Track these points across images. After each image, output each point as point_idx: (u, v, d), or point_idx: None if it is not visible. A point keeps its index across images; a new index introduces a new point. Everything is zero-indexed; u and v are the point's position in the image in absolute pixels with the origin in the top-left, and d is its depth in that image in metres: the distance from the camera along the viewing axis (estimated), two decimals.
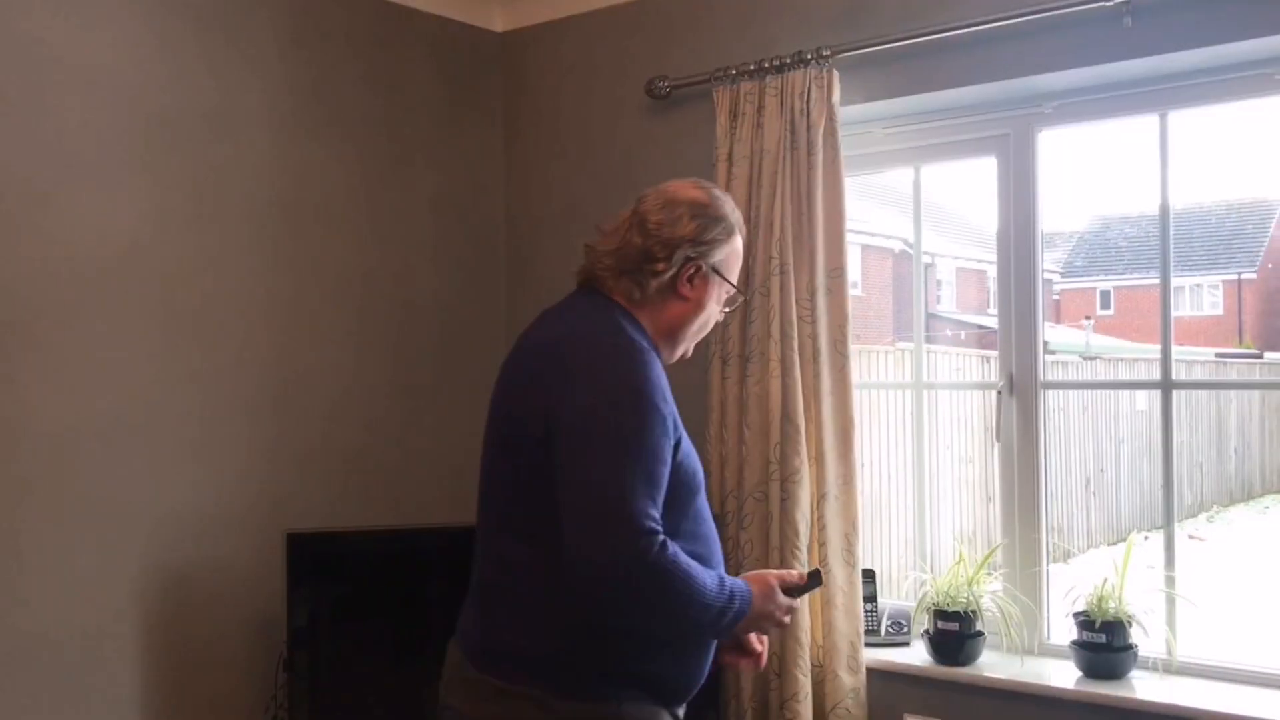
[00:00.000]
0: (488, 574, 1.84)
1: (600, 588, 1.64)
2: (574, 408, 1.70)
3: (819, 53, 2.92)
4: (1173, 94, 2.75)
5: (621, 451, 1.66)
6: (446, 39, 3.59)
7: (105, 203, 2.77)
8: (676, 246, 1.86)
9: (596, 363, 1.75)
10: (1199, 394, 10.92)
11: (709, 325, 1.97)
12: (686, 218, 1.88)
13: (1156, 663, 2.73)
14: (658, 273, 1.86)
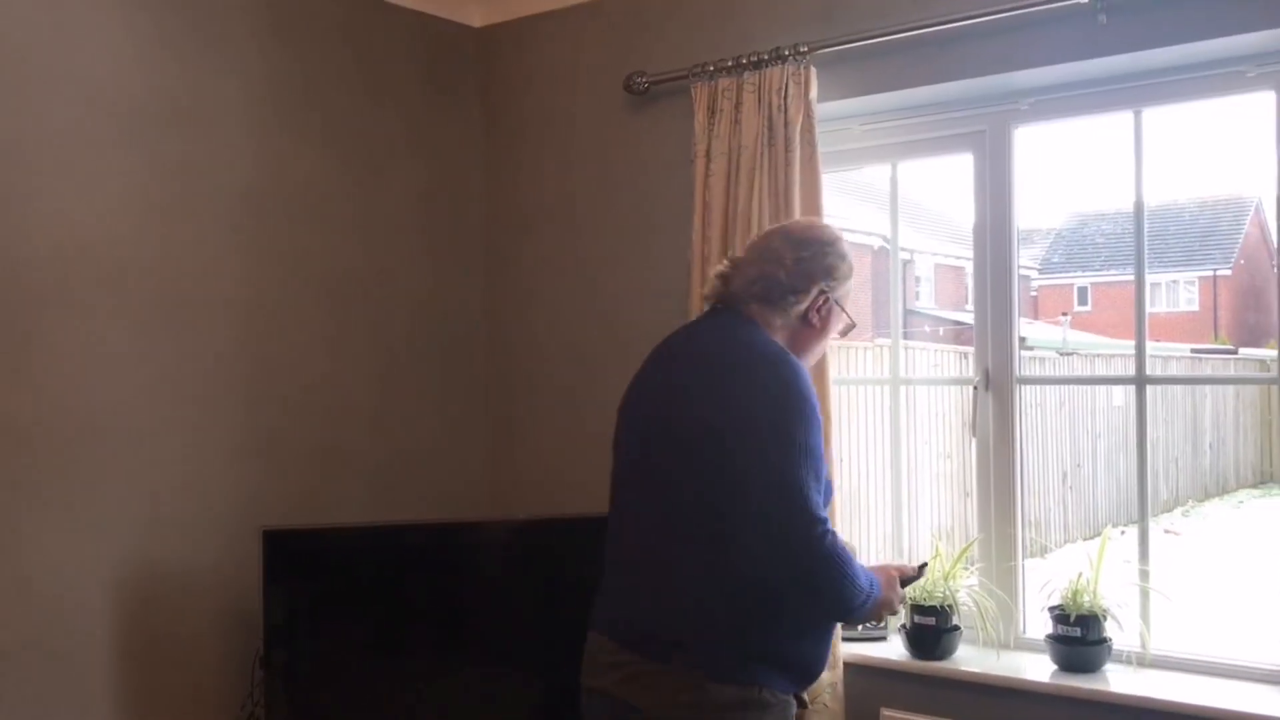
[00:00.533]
0: (648, 566, 2.01)
1: (785, 572, 1.88)
2: (751, 414, 1.93)
3: (796, 49, 2.93)
4: (1147, 91, 2.77)
5: (799, 453, 1.90)
6: (425, 33, 3.57)
7: (80, 198, 2.74)
8: (814, 281, 2.12)
9: (766, 371, 1.98)
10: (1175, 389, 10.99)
11: (824, 350, 2.26)
12: (822, 255, 2.14)
13: (1131, 656, 2.75)
14: (795, 304, 2.12)
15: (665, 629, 1.95)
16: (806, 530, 1.87)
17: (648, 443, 2.06)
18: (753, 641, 1.95)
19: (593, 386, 3.45)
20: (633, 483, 2.09)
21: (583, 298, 3.51)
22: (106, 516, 2.78)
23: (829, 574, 1.89)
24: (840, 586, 1.90)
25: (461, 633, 3.06)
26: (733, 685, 1.93)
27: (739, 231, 2.99)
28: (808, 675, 2.04)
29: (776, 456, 1.89)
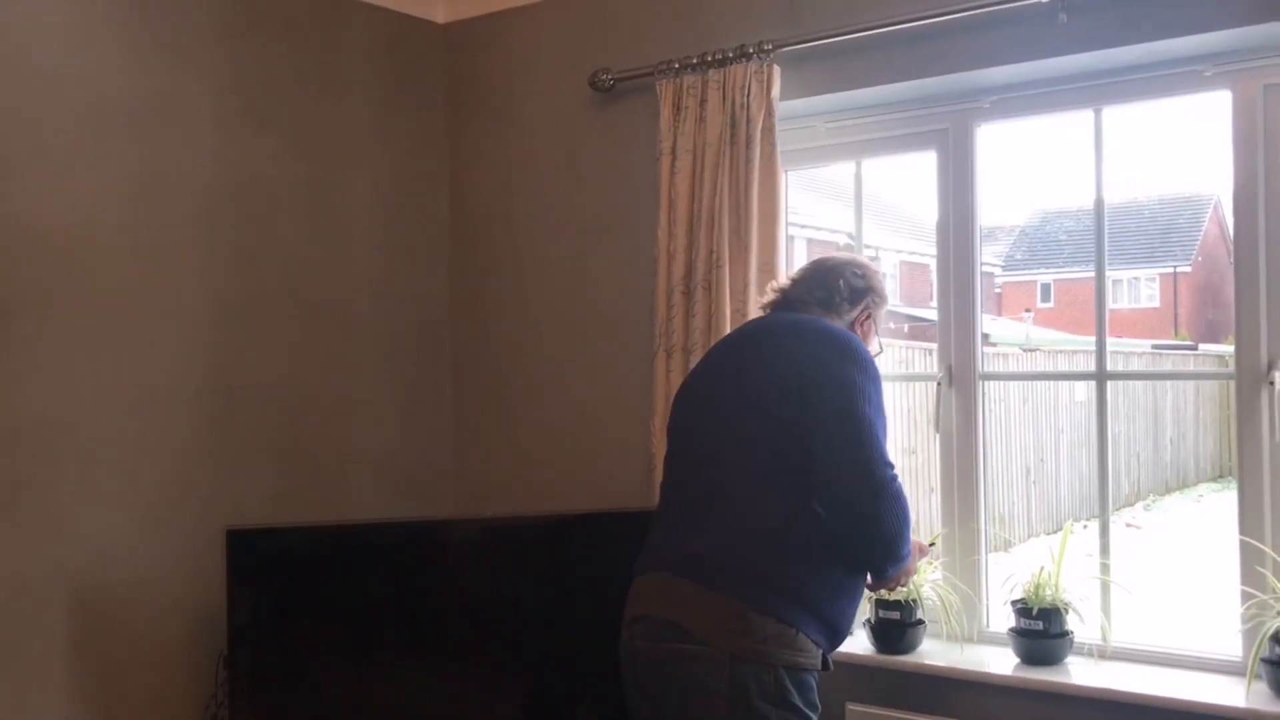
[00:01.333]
0: (713, 511, 2.21)
1: (857, 505, 2.13)
2: (831, 375, 2.19)
3: (760, 46, 2.93)
4: (1107, 90, 2.80)
5: (872, 408, 2.19)
6: (388, 30, 3.55)
7: (39, 197, 2.71)
8: (864, 296, 2.47)
9: (851, 342, 2.28)
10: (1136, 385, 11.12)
11: None
12: (872, 278, 2.51)
13: (1092, 648, 2.79)
14: (848, 311, 2.46)
15: (717, 558, 2.15)
16: (882, 470, 2.13)
17: (727, 405, 2.26)
18: (798, 587, 2.14)
19: (559, 383, 3.44)
20: (707, 439, 2.28)
21: (548, 294, 3.50)
22: (67, 517, 2.75)
23: (895, 512, 2.14)
24: (900, 528, 2.16)
25: (427, 632, 3.05)
26: (774, 619, 2.11)
27: (704, 228, 3.00)
28: (838, 634, 2.24)
29: (859, 405, 2.15)
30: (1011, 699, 2.74)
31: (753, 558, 2.15)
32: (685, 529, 2.25)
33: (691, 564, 2.18)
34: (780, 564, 2.15)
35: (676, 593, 2.17)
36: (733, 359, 2.36)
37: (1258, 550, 2.58)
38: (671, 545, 2.26)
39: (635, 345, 3.24)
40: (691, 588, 2.16)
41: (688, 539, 2.22)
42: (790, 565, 2.16)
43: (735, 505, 2.19)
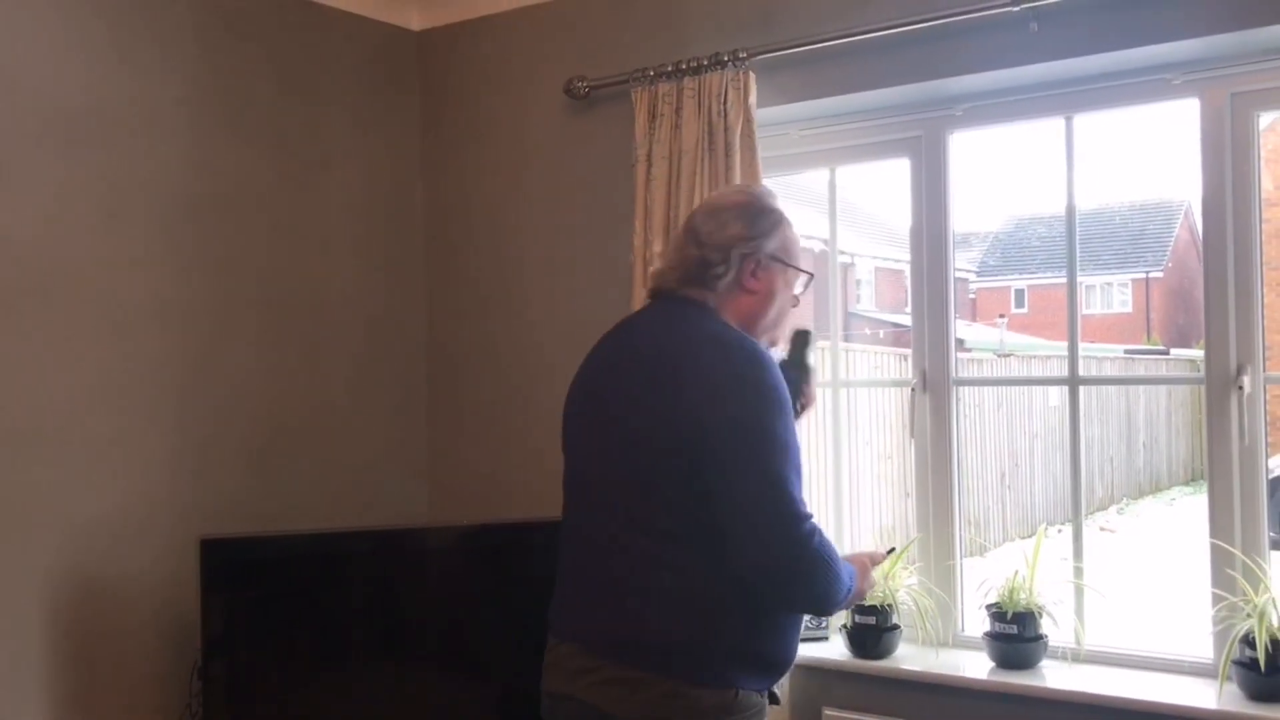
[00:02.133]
0: (616, 571, 1.92)
1: (771, 574, 1.84)
2: (728, 415, 1.84)
3: (735, 54, 2.95)
4: (1078, 97, 2.83)
5: (777, 448, 1.84)
6: (363, 37, 3.55)
7: (11, 202, 2.69)
8: (731, 248, 2.01)
9: (737, 368, 1.88)
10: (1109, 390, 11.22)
11: (786, 313, 2.11)
12: (732, 219, 2.04)
13: (1066, 652, 2.80)
14: (720, 275, 2.01)
15: (639, 634, 1.88)
16: (795, 529, 1.82)
17: (611, 449, 1.96)
18: (730, 643, 1.89)
19: (534, 390, 3.44)
20: (595, 486, 1.99)
21: (524, 301, 3.50)
22: (38, 526, 2.72)
23: (819, 573, 1.85)
24: (828, 584, 1.87)
25: (403, 641, 3.04)
26: (709, 689, 1.87)
27: None
28: (780, 670, 2.01)
29: (754, 460, 1.83)
30: (986, 703, 2.75)
31: (679, 625, 1.87)
32: (593, 589, 1.96)
33: (605, 639, 1.91)
34: (703, 627, 1.87)
35: (601, 673, 1.89)
36: (615, 392, 1.98)
37: (1228, 553, 2.61)
38: (581, 610, 1.98)
39: None
40: (613, 670, 1.88)
41: (597, 607, 1.94)
42: (715, 625, 1.88)
43: (641, 567, 1.89)
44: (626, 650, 1.88)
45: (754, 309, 2.04)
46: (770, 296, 2.05)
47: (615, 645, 1.89)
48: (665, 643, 1.86)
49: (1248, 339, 2.63)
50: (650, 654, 1.86)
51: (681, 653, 1.86)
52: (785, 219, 2.08)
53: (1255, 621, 2.46)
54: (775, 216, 2.06)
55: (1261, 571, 2.55)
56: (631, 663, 1.87)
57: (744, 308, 2.03)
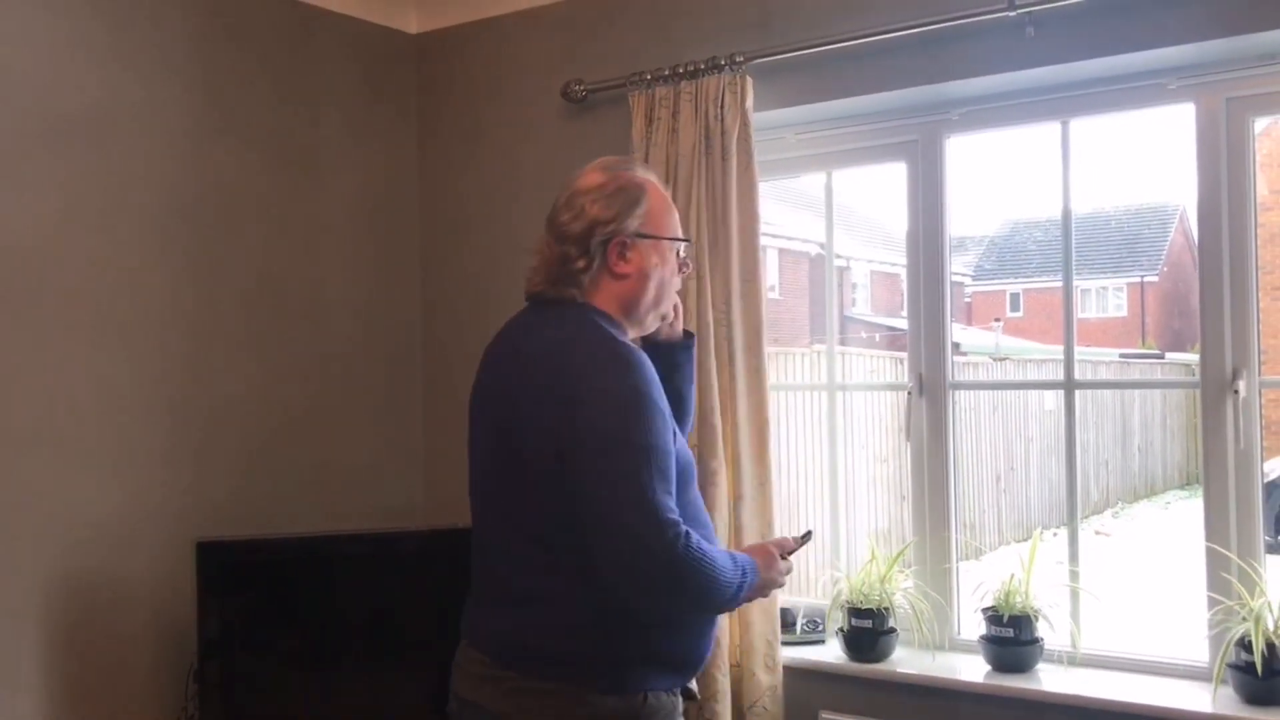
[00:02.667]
0: (512, 577, 1.88)
1: (638, 585, 1.75)
2: (586, 420, 1.77)
3: (733, 58, 2.95)
4: (1073, 102, 2.83)
5: (638, 455, 1.75)
6: (360, 40, 3.55)
7: (8, 204, 2.69)
8: (589, 237, 1.91)
9: (597, 374, 1.80)
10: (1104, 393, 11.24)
11: (669, 287, 2.00)
12: (588, 204, 1.92)
13: (1062, 655, 2.81)
14: (582, 269, 1.91)
15: (539, 644, 1.84)
16: (658, 538, 1.72)
17: (494, 457, 1.91)
18: (628, 648, 1.84)
19: None
20: (486, 496, 1.95)
21: (520, 304, 3.49)
22: (34, 528, 2.72)
23: (692, 579, 1.75)
24: (704, 586, 1.77)
25: (399, 644, 3.04)
26: (614, 696, 1.82)
27: None
28: (691, 668, 1.94)
29: (613, 466, 1.75)
30: (982, 706, 2.76)
31: (575, 635, 1.83)
32: (494, 596, 1.92)
33: (508, 648, 1.86)
34: (602, 634, 1.82)
35: (507, 684, 1.84)
36: (496, 399, 1.94)
37: (1223, 557, 2.62)
38: (485, 616, 1.93)
39: None
40: (520, 680, 1.83)
41: (498, 614, 1.90)
42: (614, 631, 1.82)
43: (534, 575, 1.85)
44: (529, 660, 1.84)
45: (630, 292, 1.94)
46: (644, 276, 1.94)
47: (517, 655, 1.85)
48: (565, 652, 1.82)
49: (1243, 343, 2.64)
50: (552, 663, 1.82)
51: (583, 661, 1.82)
52: (648, 189, 1.96)
53: (1251, 625, 2.47)
54: (633, 191, 1.94)
55: (1257, 575, 2.55)
56: (535, 673, 1.83)
57: (620, 293, 1.94)
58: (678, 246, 2.00)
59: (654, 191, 1.97)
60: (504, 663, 1.85)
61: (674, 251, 1.99)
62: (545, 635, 1.83)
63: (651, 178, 2.00)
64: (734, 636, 2.95)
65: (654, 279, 1.95)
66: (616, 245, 1.91)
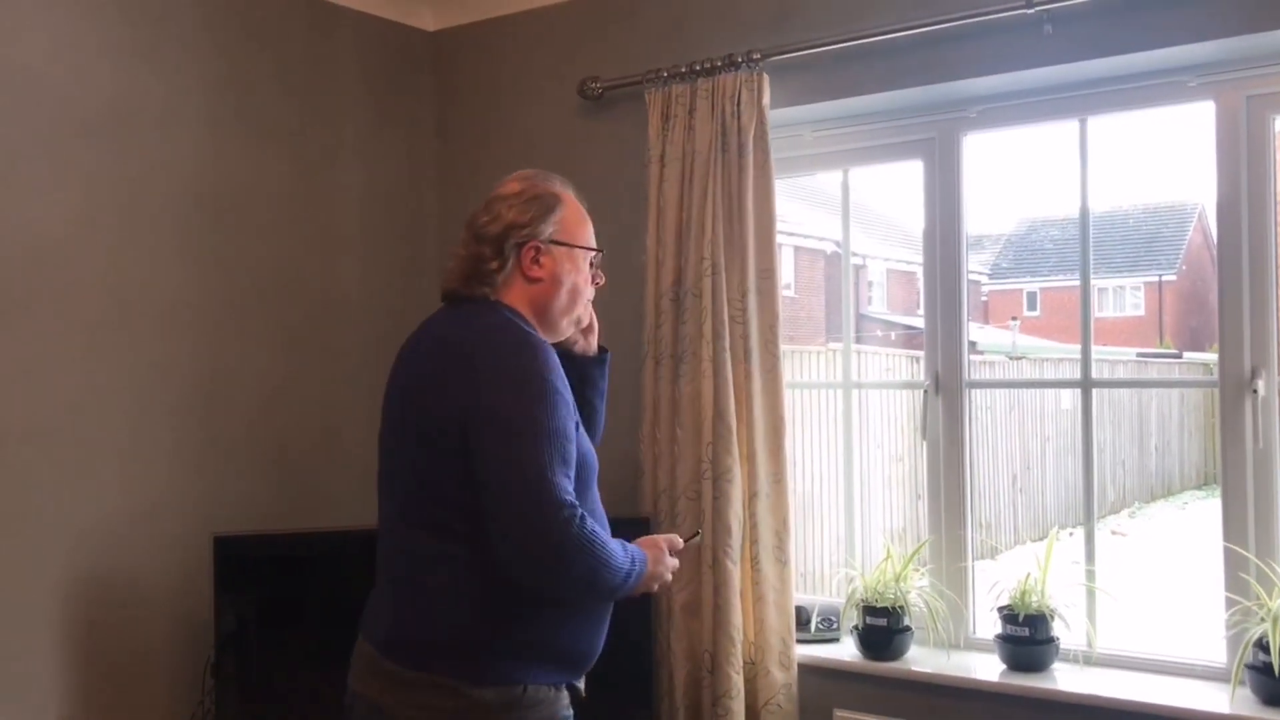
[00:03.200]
0: (397, 568, 1.92)
1: (533, 563, 1.77)
2: (488, 403, 1.82)
3: (749, 56, 2.95)
4: (1091, 100, 2.82)
5: (538, 435, 1.79)
6: (377, 37, 3.56)
7: (27, 202, 2.70)
8: (504, 239, 1.98)
9: (501, 357, 1.86)
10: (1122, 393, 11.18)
11: (581, 294, 2.07)
12: (504, 209, 2.01)
13: (1077, 655, 2.80)
14: (495, 269, 1.98)
15: (418, 635, 1.86)
16: (552, 517, 1.76)
17: (400, 446, 1.95)
18: (511, 637, 1.85)
19: None
20: (386, 488, 1.98)
21: None
22: (53, 523, 2.74)
23: (581, 559, 1.78)
24: (594, 569, 1.80)
25: None
26: (492, 688, 1.83)
27: (693, 236, 3.01)
28: (578, 663, 1.95)
29: (513, 446, 1.79)
30: (998, 705, 2.75)
31: (455, 624, 1.85)
32: (384, 587, 1.96)
33: (391, 639, 1.89)
34: (480, 624, 1.84)
35: (392, 677, 1.87)
36: (400, 388, 2.00)
37: (1242, 557, 2.60)
38: (375, 608, 1.97)
39: (624, 353, 3.24)
40: (402, 673, 1.86)
41: (385, 606, 1.93)
42: (493, 621, 1.84)
43: (418, 564, 1.88)
44: (409, 651, 1.86)
45: (542, 296, 2.01)
46: (556, 282, 2.01)
47: (399, 646, 1.88)
48: (444, 643, 1.85)
49: (1262, 342, 2.62)
50: (431, 655, 1.84)
51: (458, 652, 1.84)
52: (564, 200, 2.05)
53: (1269, 625, 2.46)
54: (549, 200, 2.02)
55: (1276, 575, 2.54)
56: (413, 664, 1.85)
57: (532, 296, 2.00)
58: (591, 257, 2.08)
59: (569, 203, 2.06)
60: (387, 654, 1.88)
61: (587, 261, 2.07)
62: (426, 627, 1.86)
63: (569, 192, 2.08)
64: (748, 634, 2.95)
65: (565, 285, 2.02)
66: (530, 249, 1.99)
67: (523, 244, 1.99)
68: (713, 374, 2.96)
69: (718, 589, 2.91)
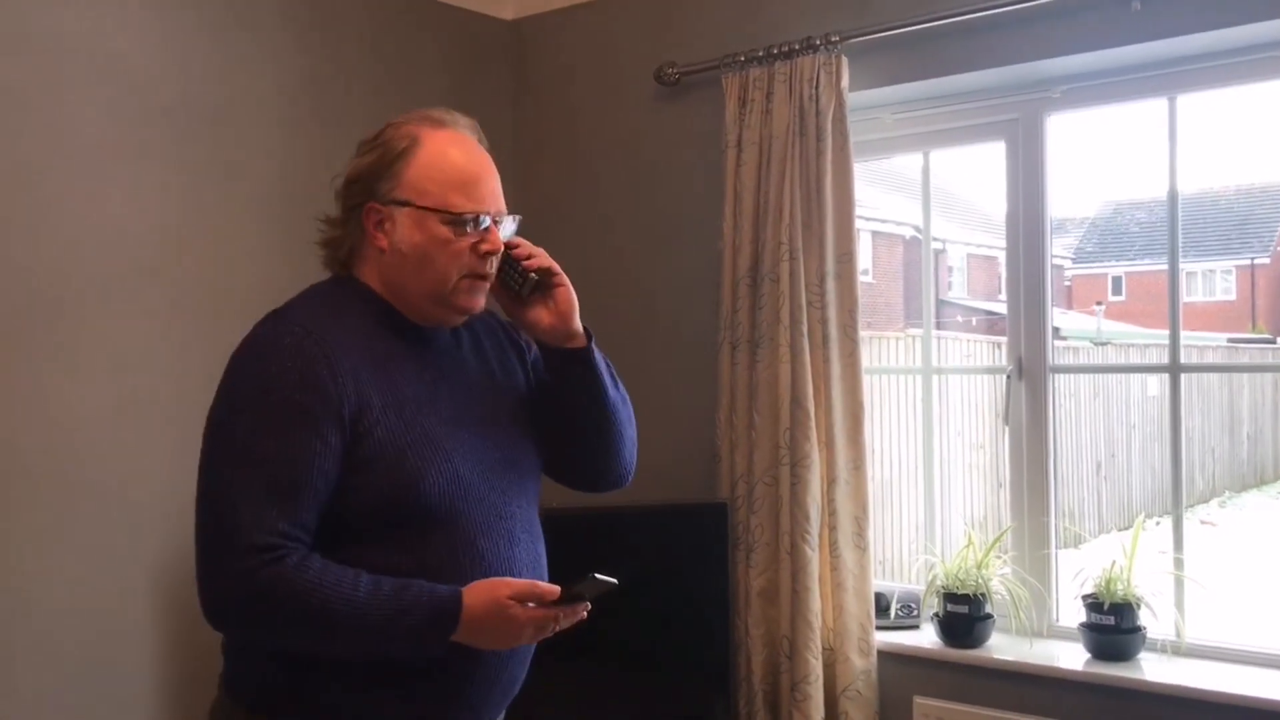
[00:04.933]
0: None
1: (207, 607, 1.53)
2: (208, 413, 1.57)
3: (828, 38, 2.93)
4: (1181, 78, 2.75)
5: (237, 458, 1.50)
6: (457, 27, 3.60)
7: (121, 196, 2.78)
8: (348, 207, 1.64)
9: (231, 358, 1.60)
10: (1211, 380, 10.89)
11: (446, 265, 1.60)
12: (353, 160, 1.66)
13: (1165, 645, 2.75)
14: (338, 241, 1.66)
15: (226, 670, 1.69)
16: (232, 560, 1.47)
17: None
18: (274, 681, 1.59)
19: (625, 377, 3.46)
20: None
21: (613, 288, 3.52)
22: (145, 504, 2.82)
23: (269, 602, 1.46)
24: (291, 617, 1.47)
25: None
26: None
27: (769, 221, 3.00)
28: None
29: (208, 470, 1.54)
30: (1083, 694, 2.71)
31: (227, 655, 1.71)
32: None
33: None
34: (249, 656, 1.66)
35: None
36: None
37: None
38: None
39: (700, 338, 3.25)
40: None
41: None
42: (260, 654, 1.63)
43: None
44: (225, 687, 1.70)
45: (392, 270, 1.62)
46: (400, 252, 1.59)
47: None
48: (224, 676, 1.69)
49: None
50: (222, 687, 1.68)
51: (235, 688, 1.65)
52: (421, 142, 1.61)
53: None
54: (396, 145, 1.60)
55: None
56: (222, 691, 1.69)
57: (382, 270, 1.63)
58: (461, 219, 1.58)
59: (429, 145, 1.61)
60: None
61: (448, 223, 1.58)
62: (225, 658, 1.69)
63: (444, 130, 1.65)
64: (827, 620, 2.95)
65: (415, 254, 1.59)
66: (374, 215, 1.60)
67: (360, 206, 1.61)
68: (790, 359, 2.95)
69: (796, 575, 2.91)
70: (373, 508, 1.54)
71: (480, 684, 1.62)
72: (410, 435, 1.56)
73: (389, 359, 1.61)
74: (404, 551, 1.55)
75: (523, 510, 1.70)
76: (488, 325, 1.80)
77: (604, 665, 2.96)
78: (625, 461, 1.86)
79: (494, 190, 1.66)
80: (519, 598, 1.53)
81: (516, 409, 1.77)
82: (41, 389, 2.65)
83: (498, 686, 1.65)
